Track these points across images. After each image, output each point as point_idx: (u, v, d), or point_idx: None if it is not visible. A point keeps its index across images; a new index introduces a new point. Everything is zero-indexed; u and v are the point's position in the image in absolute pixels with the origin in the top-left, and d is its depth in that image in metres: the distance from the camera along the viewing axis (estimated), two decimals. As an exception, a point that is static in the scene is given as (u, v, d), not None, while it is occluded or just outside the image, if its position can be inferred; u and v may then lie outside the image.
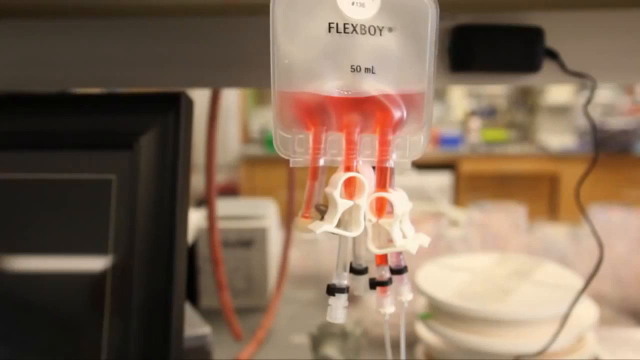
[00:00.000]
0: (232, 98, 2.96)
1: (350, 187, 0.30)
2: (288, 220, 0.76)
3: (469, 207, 0.88)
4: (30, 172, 0.40)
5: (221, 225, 0.71)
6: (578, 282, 0.56)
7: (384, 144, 0.30)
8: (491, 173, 3.00)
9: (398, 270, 0.32)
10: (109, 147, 0.39)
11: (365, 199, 0.30)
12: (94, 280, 0.38)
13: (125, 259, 0.37)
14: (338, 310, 0.30)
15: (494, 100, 3.37)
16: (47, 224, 0.39)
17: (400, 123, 0.30)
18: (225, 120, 2.84)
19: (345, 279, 0.31)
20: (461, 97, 3.35)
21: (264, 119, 3.16)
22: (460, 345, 0.54)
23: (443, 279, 0.59)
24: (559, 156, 2.93)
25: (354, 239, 0.32)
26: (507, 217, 0.84)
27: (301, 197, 0.31)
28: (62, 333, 0.38)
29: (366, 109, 0.30)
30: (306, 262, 0.91)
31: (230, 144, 2.95)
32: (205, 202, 0.65)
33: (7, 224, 0.39)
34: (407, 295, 0.33)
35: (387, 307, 0.32)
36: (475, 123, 3.19)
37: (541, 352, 0.49)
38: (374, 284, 0.32)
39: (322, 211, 0.31)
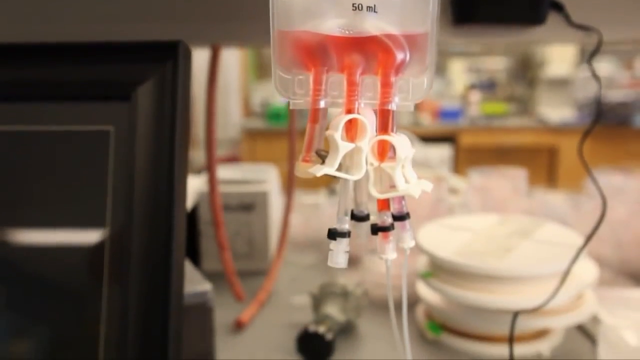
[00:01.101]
0: (233, 72, 2.94)
1: (352, 130, 0.29)
2: (289, 187, 0.75)
3: (469, 173, 0.88)
4: (26, 124, 0.39)
5: (222, 189, 0.70)
6: (578, 241, 0.56)
7: (386, 86, 0.29)
8: (490, 146, 3.00)
9: (400, 217, 0.32)
10: (106, 97, 0.38)
11: (367, 141, 0.29)
12: (91, 237, 0.38)
13: (125, 208, 0.37)
14: (339, 255, 0.30)
15: (494, 75, 3.35)
16: (43, 176, 0.39)
17: (403, 64, 0.29)
18: (226, 95, 2.82)
19: (346, 223, 0.30)
20: (461, 72, 3.33)
21: (265, 92, 3.15)
22: (461, 302, 0.54)
23: (444, 238, 0.59)
24: (558, 129, 2.92)
25: (355, 185, 0.32)
26: (507, 181, 0.84)
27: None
28: (60, 297, 0.38)
29: (368, 50, 0.29)
30: (307, 228, 0.91)
31: (232, 118, 2.94)
32: (206, 170, 0.65)
33: (2, 177, 0.39)
34: (409, 242, 0.32)
35: (389, 253, 0.32)
36: (475, 96, 3.18)
37: (541, 307, 0.49)
38: (375, 229, 0.31)
39: (322, 156, 0.30)
